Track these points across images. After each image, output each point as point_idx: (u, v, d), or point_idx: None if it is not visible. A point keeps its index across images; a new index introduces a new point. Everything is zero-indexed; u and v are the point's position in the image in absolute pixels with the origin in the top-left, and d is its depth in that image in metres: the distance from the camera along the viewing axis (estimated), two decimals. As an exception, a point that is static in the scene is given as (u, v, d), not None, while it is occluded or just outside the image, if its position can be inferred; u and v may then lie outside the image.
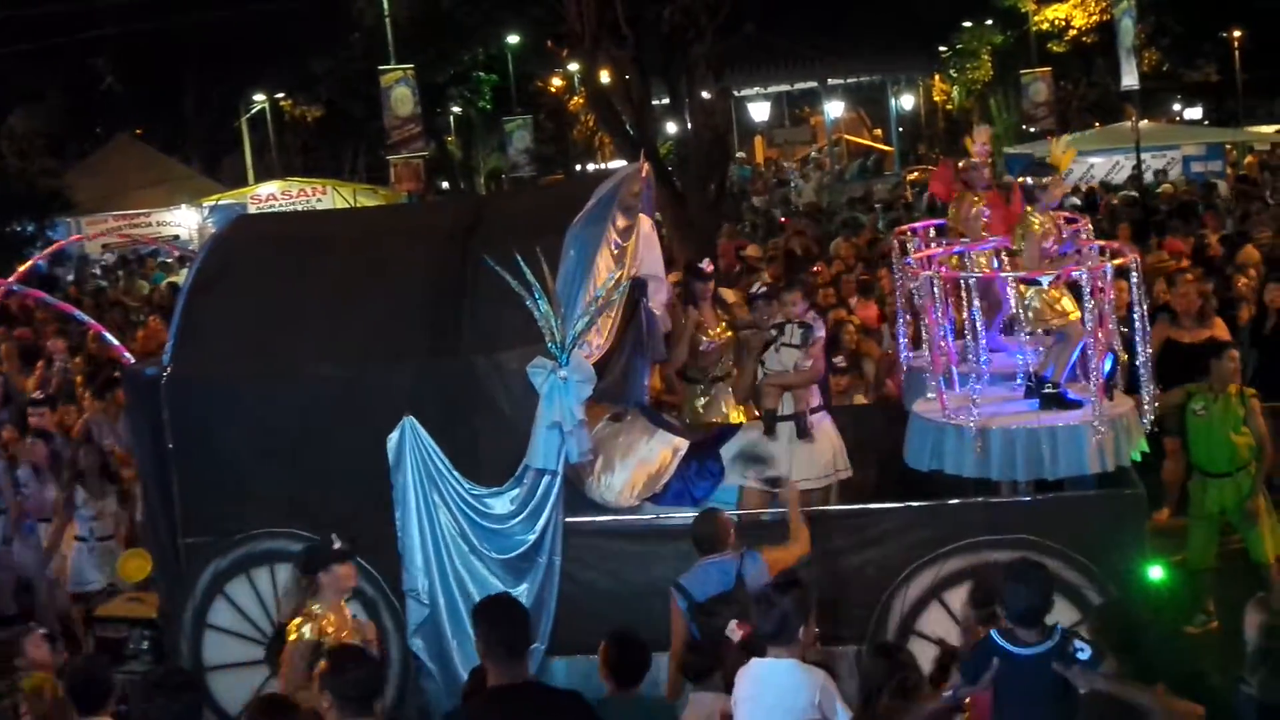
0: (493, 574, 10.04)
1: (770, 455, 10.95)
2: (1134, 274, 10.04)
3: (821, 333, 11.41)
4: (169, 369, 10.37)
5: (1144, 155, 39.34)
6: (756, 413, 11.47)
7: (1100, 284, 9.72)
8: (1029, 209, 10.21)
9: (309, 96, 55.91)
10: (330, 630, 8.51)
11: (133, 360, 11.76)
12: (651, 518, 10.46)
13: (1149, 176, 39.19)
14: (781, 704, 7.32)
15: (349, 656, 7.38)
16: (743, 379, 11.72)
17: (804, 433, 11.03)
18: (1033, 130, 49.73)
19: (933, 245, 11.58)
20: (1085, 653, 7.32)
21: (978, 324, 10.45)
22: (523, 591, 9.94)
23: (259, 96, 54.66)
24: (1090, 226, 11.23)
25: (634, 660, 8.27)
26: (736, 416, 12.27)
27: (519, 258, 9.54)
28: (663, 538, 10.20)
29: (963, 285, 10.31)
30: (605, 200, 10.33)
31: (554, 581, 10.00)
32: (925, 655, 9.58)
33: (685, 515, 10.46)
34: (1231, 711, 7.56)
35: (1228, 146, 44.35)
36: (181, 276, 33.79)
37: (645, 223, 11.79)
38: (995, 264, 10.92)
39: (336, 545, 8.85)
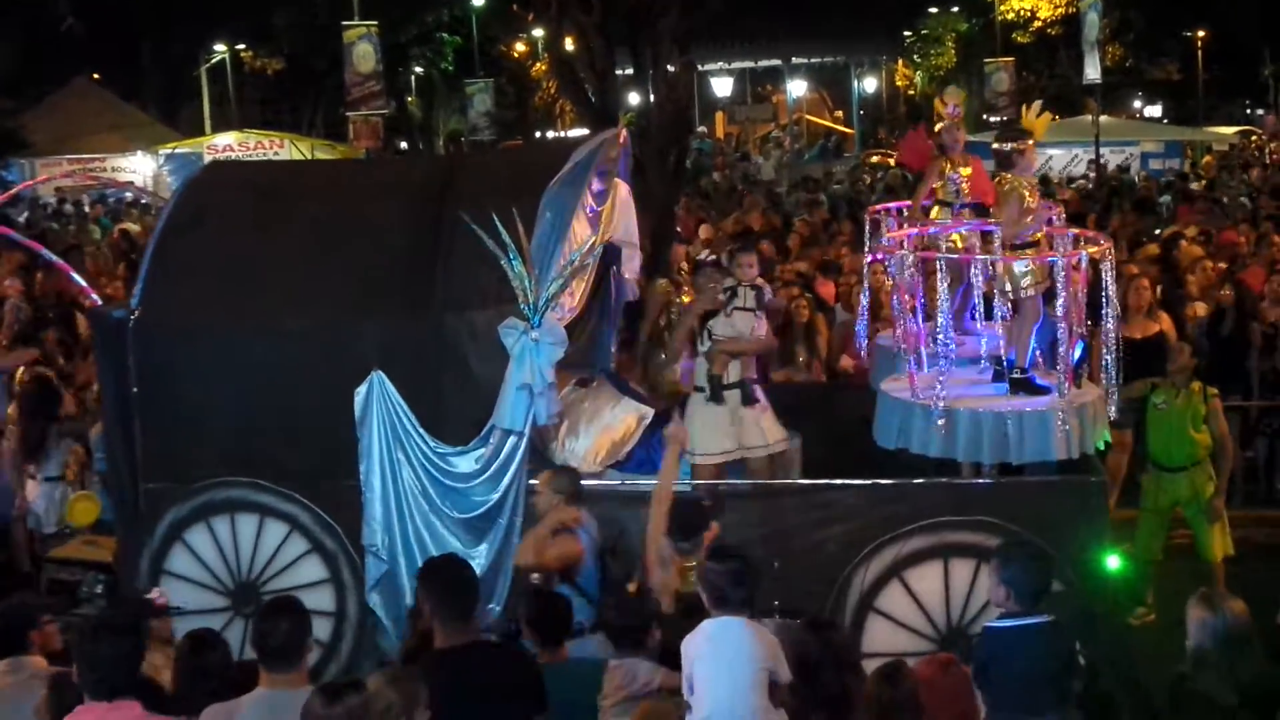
0: (452, 533, 9.97)
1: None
2: (1107, 263, 10.05)
3: (770, 296, 11.37)
4: (137, 312, 10.27)
5: (1102, 150, 39.53)
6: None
7: (1073, 271, 9.76)
8: (1005, 173, 10.21)
9: (270, 49, 55.51)
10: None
11: (99, 302, 11.60)
12: (615, 483, 10.45)
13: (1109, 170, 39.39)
14: (739, 656, 7.38)
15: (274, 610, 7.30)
16: (673, 345, 11.49)
17: (750, 400, 10.98)
18: (993, 120, 49.87)
19: (904, 225, 11.60)
20: None
21: (945, 305, 10.47)
22: (481, 552, 9.91)
23: (219, 47, 54.19)
24: (1063, 213, 11.27)
25: (556, 618, 8.34)
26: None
27: (495, 218, 9.48)
28: (625, 503, 10.21)
29: (937, 265, 10.33)
30: (582, 164, 10.26)
31: (513, 543, 9.92)
32: (883, 632, 9.73)
33: (649, 482, 10.53)
34: (1174, 705, 7.61)
35: (1185, 145, 44.62)
36: (133, 222, 33.86)
37: (622, 189, 11.76)
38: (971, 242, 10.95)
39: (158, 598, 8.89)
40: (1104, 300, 10.06)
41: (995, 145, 10.38)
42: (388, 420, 9.93)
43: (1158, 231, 21.58)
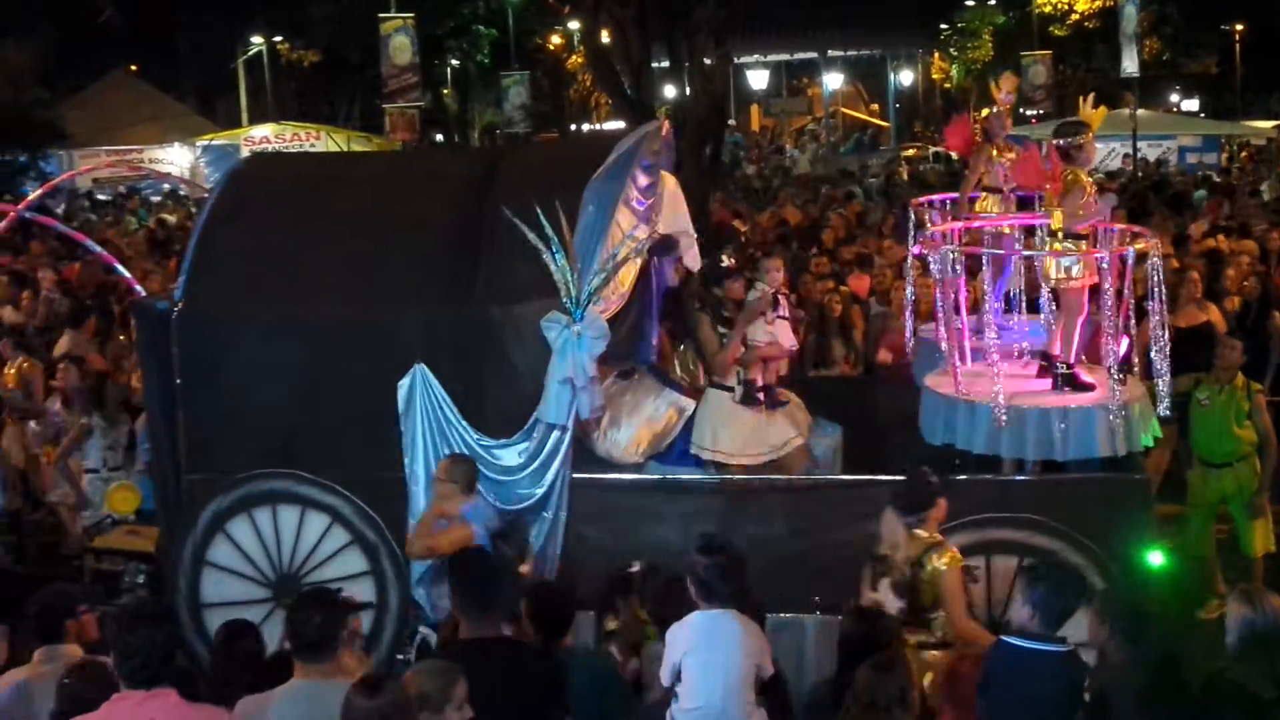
0: (497, 527, 9.99)
1: None
2: (1155, 258, 9.96)
3: (785, 305, 11.36)
4: (180, 303, 10.30)
5: (1139, 144, 39.35)
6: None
7: (1121, 267, 9.69)
8: (1069, 167, 10.14)
9: (306, 41, 55.56)
10: None
11: (143, 293, 11.63)
12: (658, 476, 10.45)
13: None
14: (731, 650, 7.50)
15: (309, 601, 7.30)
16: (725, 351, 11.45)
17: (776, 403, 10.98)
18: (1029, 113, 49.69)
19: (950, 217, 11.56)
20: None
21: (990, 301, 10.45)
22: (526, 545, 9.94)
23: (256, 39, 54.30)
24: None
25: (557, 612, 8.30)
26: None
27: (538, 210, 9.48)
28: (668, 495, 10.22)
29: (982, 260, 10.29)
30: (625, 157, 10.24)
31: (558, 536, 9.98)
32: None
33: (692, 475, 10.55)
34: (1211, 698, 7.55)
35: (1223, 140, 44.40)
36: (169, 213, 34.05)
37: (670, 181, 11.73)
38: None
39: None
40: (1151, 296, 9.98)
41: (1054, 141, 10.29)
42: (431, 413, 9.94)
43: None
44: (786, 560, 9.80)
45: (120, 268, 12.20)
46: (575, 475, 9.99)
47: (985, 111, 12.14)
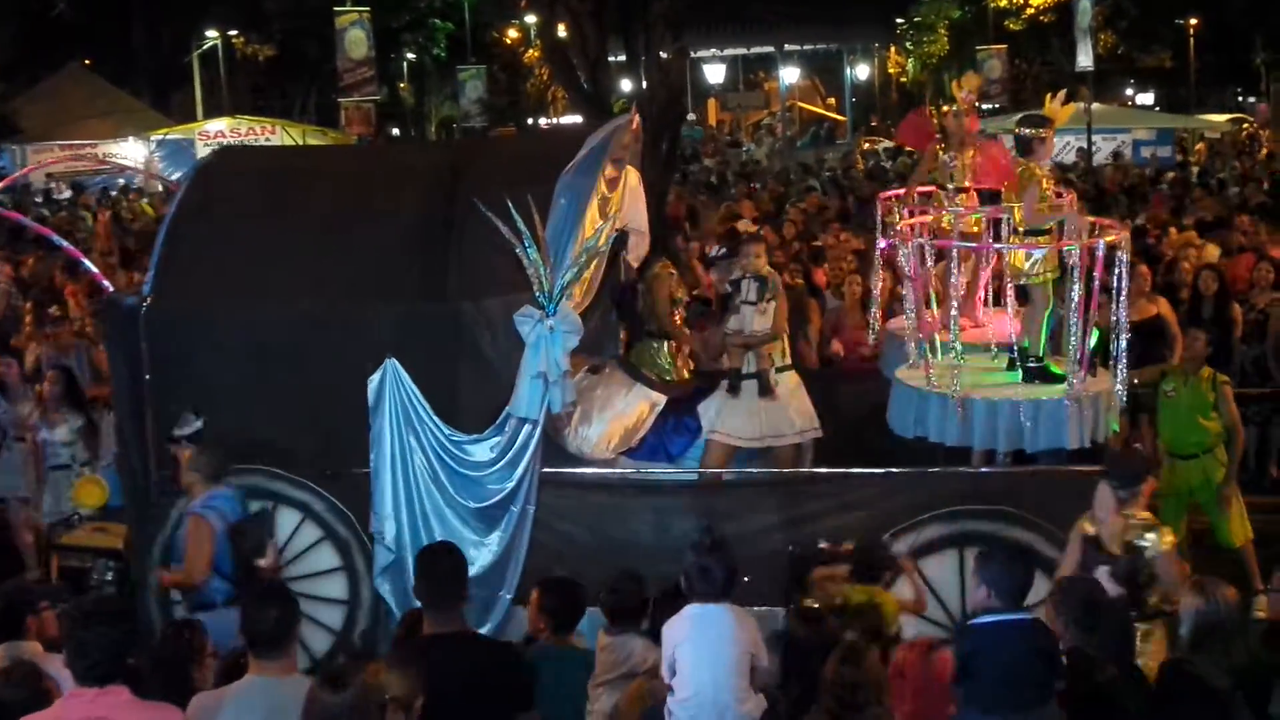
0: (464, 522, 9.95)
1: None
2: (1122, 251, 10.01)
3: (777, 283, 11.36)
4: (148, 299, 10.24)
5: (1094, 137, 39.53)
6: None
7: (1090, 260, 9.74)
8: (1025, 160, 10.19)
9: (262, 35, 55.36)
10: None
11: (111, 289, 11.56)
12: (629, 471, 10.46)
13: (1099, 158, 39.45)
14: (722, 640, 7.56)
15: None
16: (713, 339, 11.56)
17: (766, 390, 10.97)
18: (985, 107, 49.85)
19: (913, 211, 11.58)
20: None
21: (955, 293, 10.48)
22: (494, 540, 9.92)
23: (211, 33, 54.04)
24: (1074, 199, 11.27)
25: (571, 605, 8.35)
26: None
27: (510, 204, 9.45)
28: (639, 492, 10.23)
29: (950, 253, 10.32)
30: (597, 151, 10.23)
31: (525, 531, 9.94)
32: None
33: (664, 470, 10.56)
34: (1168, 689, 7.60)
35: (1179, 133, 44.67)
36: (124, 209, 33.84)
37: (633, 175, 11.72)
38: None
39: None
40: (1116, 288, 10.03)
41: (1016, 130, 10.35)
42: (401, 407, 9.89)
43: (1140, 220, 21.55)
44: (762, 555, 9.81)
45: (87, 262, 12.10)
46: (545, 470, 9.97)
47: (946, 109, 12.14)
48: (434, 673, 6.75)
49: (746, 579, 9.12)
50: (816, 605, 8.26)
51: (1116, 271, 9.96)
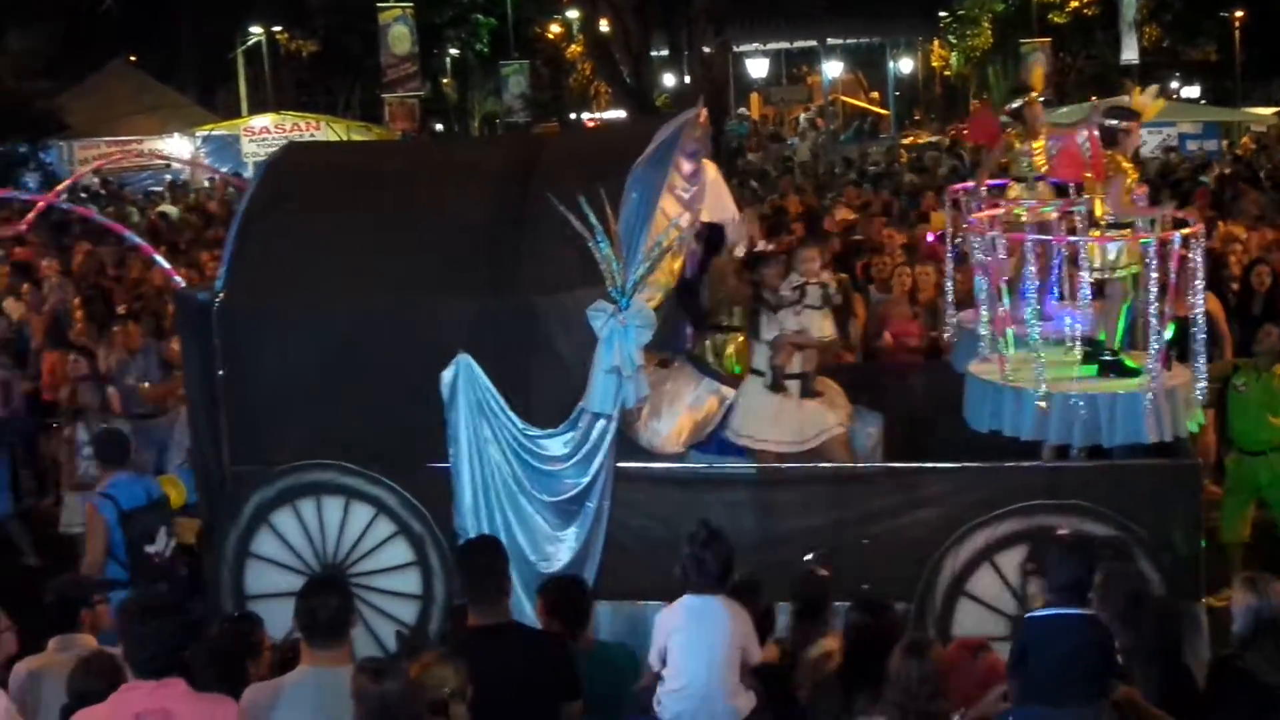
0: (541, 517, 9.97)
1: None
2: (1198, 243, 9.93)
3: (835, 291, 11.33)
4: (221, 294, 10.26)
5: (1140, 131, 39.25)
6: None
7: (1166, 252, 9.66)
8: (1110, 151, 10.10)
9: (305, 31, 55.49)
10: None
11: (183, 284, 11.60)
12: (703, 466, 10.45)
13: (1145, 152, 39.18)
14: (716, 633, 7.63)
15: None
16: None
17: (810, 392, 10.96)
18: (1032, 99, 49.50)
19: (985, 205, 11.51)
20: None
21: (1030, 286, 10.42)
22: (570, 534, 9.95)
23: (256, 29, 54.19)
24: (1145, 193, 11.17)
25: (574, 603, 8.35)
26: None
27: (582, 199, 9.44)
28: (710, 486, 10.21)
29: (1024, 246, 10.25)
30: (667, 144, 10.21)
31: (602, 526, 9.95)
32: (972, 615, 9.67)
33: (738, 465, 10.53)
34: (1218, 685, 7.56)
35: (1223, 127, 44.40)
36: (168, 207, 34.01)
37: (711, 168, 11.69)
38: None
39: None
40: (1192, 282, 9.95)
41: (1103, 121, 10.25)
42: (475, 403, 9.90)
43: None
44: (831, 551, 9.79)
45: (160, 259, 12.12)
46: (620, 465, 9.96)
47: (1018, 101, 12.05)
48: (479, 665, 6.83)
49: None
50: None
51: (1193, 265, 9.90)
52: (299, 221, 10.61)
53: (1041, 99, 12.39)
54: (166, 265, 11.88)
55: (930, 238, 17.62)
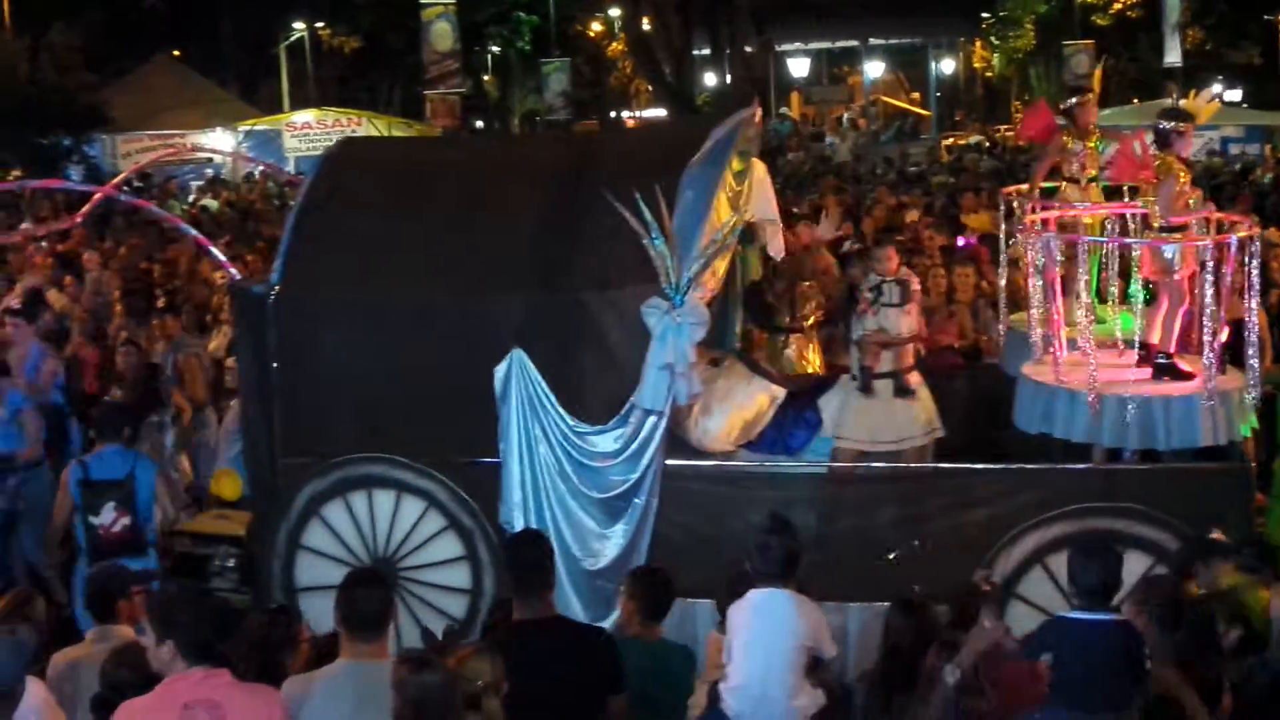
0: (588, 513, 9.97)
1: None
2: (1254, 247, 9.89)
3: (917, 287, 11.33)
4: (277, 287, 10.30)
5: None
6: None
7: (1221, 255, 9.63)
8: (1163, 154, 10.07)
9: (348, 27, 55.64)
10: None
11: (239, 277, 11.64)
12: (753, 464, 10.45)
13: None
14: (778, 630, 7.55)
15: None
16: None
17: (902, 390, 10.95)
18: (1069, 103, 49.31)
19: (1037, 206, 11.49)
20: None
21: (1085, 288, 10.42)
22: (618, 531, 9.95)
23: (298, 24, 54.36)
24: (1201, 196, 11.14)
25: (662, 597, 8.38)
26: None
27: (638, 196, 9.44)
28: (760, 485, 10.21)
29: (1079, 248, 10.24)
30: (723, 143, 10.21)
31: (649, 523, 9.94)
32: (1022, 618, 9.62)
33: (788, 464, 10.54)
34: (1249, 685, 7.54)
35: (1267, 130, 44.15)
36: (209, 200, 34.19)
37: (759, 167, 11.68)
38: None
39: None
40: (1248, 284, 9.92)
41: (1156, 123, 10.25)
42: (527, 398, 9.91)
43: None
44: (882, 551, 9.79)
45: (215, 251, 12.17)
46: (669, 462, 9.96)
47: (1074, 100, 12.06)
48: (524, 658, 6.85)
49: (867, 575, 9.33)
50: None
51: (1247, 268, 9.86)
52: (355, 216, 10.64)
53: (1072, 101, 12.39)
54: (222, 258, 11.91)
55: (963, 240, 17.63)
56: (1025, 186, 12.24)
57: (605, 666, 7.49)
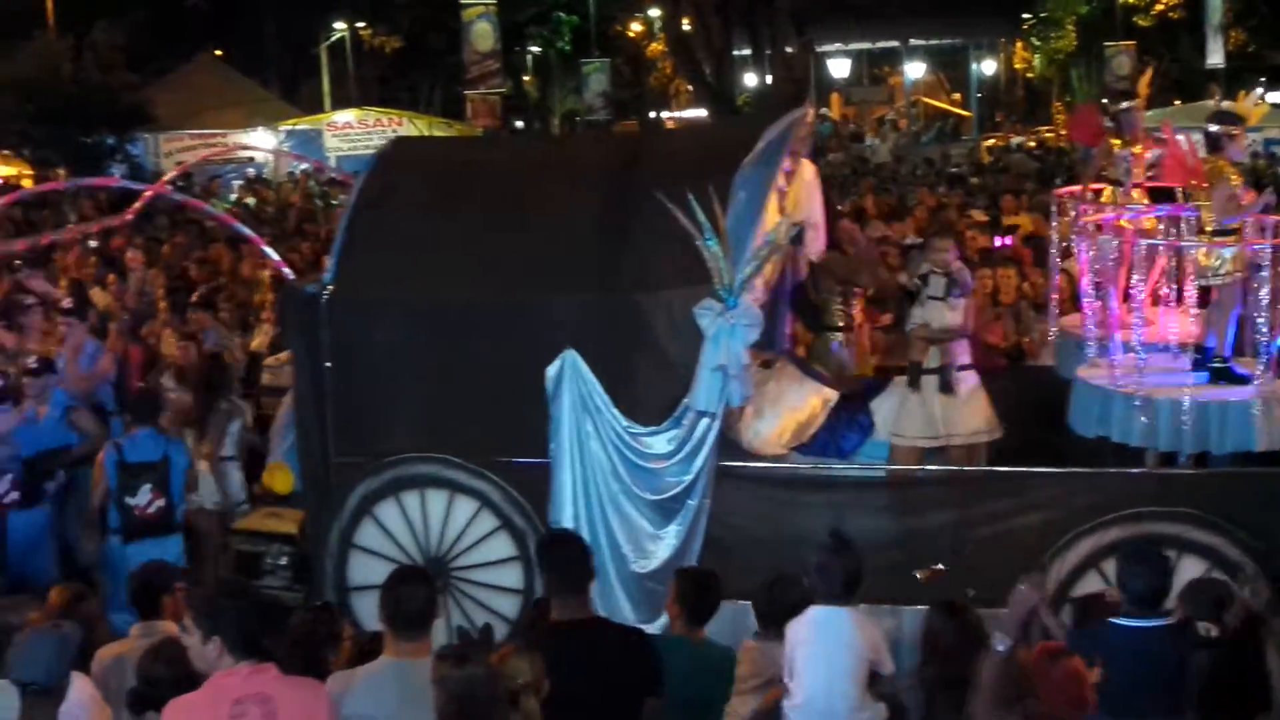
0: (641, 514, 9.97)
1: None
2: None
3: (971, 283, 11.28)
4: (330, 287, 10.33)
5: (1225, 136, 38.81)
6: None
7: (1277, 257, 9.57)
8: (1214, 157, 10.03)
9: (389, 27, 55.77)
10: None
11: (292, 276, 11.68)
12: (807, 466, 10.42)
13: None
14: (840, 645, 7.49)
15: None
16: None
17: (947, 387, 10.89)
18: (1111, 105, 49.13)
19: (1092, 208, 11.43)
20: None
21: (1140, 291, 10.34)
22: (670, 532, 9.94)
23: (339, 24, 54.53)
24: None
25: (708, 599, 8.35)
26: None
27: (691, 197, 9.43)
28: (814, 487, 10.18)
29: (1133, 251, 10.18)
30: (776, 143, 10.23)
31: (702, 525, 9.93)
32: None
33: (840, 466, 10.51)
34: None
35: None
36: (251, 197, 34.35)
37: (808, 168, 11.66)
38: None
39: None
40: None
41: (1207, 126, 10.21)
42: (579, 399, 9.91)
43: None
44: (938, 554, 9.74)
45: (270, 251, 12.21)
46: (721, 464, 9.94)
47: (1125, 104, 12.02)
48: (562, 658, 6.79)
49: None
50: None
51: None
52: (407, 216, 10.65)
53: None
54: (276, 257, 11.94)
55: (1000, 241, 17.59)
56: (1077, 188, 12.17)
57: (643, 668, 7.48)
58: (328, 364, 10.32)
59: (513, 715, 6.40)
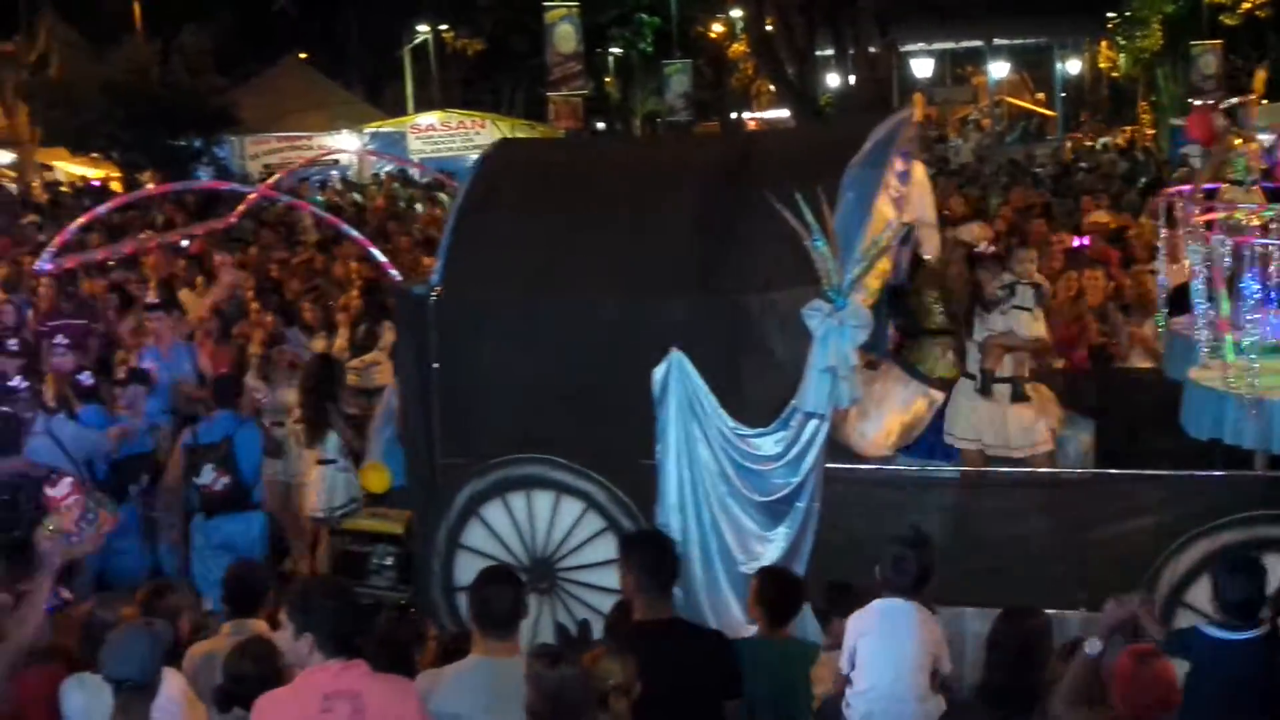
0: (749, 516, 9.90)
1: None
2: None
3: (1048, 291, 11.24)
4: (438, 289, 10.37)
5: (1312, 136, 38.44)
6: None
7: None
8: None
9: (472, 30, 56.00)
10: None
11: (400, 279, 11.75)
12: (914, 468, 10.38)
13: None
14: (906, 638, 7.59)
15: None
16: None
17: (1020, 396, 10.84)
18: (1196, 104, 48.76)
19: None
20: None
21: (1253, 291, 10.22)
22: (779, 534, 9.86)
23: (422, 27, 54.83)
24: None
25: (789, 599, 8.43)
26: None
27: (799, 197, 9.39)
28: (921, 489, 10.14)
29: (1245, 250, 10.06)
30: (883, 143, 10.16)
31: (811, 527, 9.87)
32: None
33: (946, 469, 10.47)
34: None
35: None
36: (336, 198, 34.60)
37: (920, 169, 11.60)
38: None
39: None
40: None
41: None
42: (686, 400, 9.86)
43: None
44: (1044, 558, 9.68)
45: (376, 253, 12.28)
46: (828, 465, 9.90)
47: (1238, 100, 11.93)
48: (648, 659, 6.80)
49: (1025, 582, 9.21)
50: None
51: None
52: (512, 217, 10.68)
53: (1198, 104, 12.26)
54: (383, 259, 12.02)
55: (1077, 241, 17.46)
56: (1187, 188, 12.07)
57: (723, 669, 7.54)
58: (434, 365, 10.36)
59: (601, 716, 6.45)
